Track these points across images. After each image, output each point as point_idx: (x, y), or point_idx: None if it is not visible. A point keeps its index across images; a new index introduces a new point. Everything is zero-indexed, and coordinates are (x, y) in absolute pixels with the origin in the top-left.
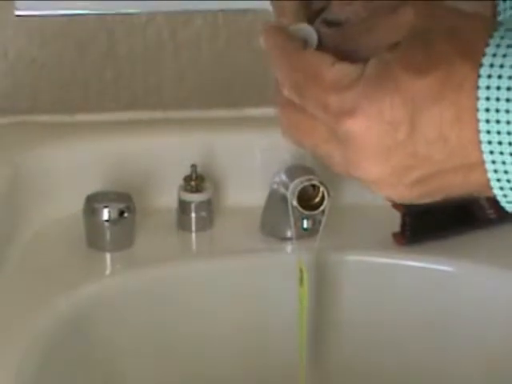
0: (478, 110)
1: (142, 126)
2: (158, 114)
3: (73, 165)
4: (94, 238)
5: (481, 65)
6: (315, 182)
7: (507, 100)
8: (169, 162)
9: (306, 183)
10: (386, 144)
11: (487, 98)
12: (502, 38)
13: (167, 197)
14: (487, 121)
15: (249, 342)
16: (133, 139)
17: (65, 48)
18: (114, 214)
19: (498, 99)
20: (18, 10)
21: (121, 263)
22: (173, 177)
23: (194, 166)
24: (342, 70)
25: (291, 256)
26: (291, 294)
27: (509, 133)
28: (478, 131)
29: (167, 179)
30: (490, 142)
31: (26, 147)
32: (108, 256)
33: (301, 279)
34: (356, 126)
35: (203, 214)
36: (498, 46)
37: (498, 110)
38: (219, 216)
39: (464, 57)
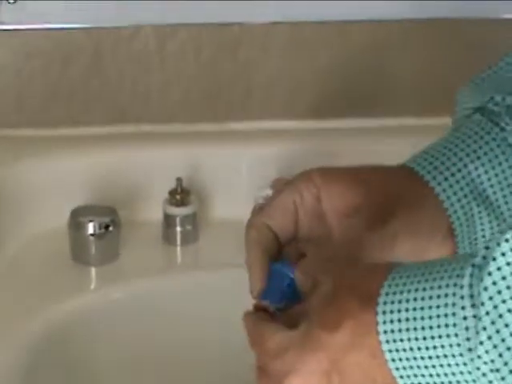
0: (380, 342)
1: (127, 139)
2: (144, 128)
3: (58, 178)
4: (78, 251)
5: (377, 313)
6: None
7: (399, 330)
8: (154, 176)
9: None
10: None
11: (387, 341)
12: (388, 286)
13: (152, 210)
14: (393, 359)
15: (235, 355)
16: (118, 153)
17: (50, 61)
18: (99, 228)
19: (392, 331)
20: (3, 23)
21: (106, 277)
22: (158, 190)
23: (179, 180)
24: (279, 338)
25: None
26: None
27: (408, 359)
28: (386, 360)
29: (152, 193)
30: (397, 369)
31: (10, 161)
32: (93, 270)
33: None
34: (294, 383)
35: (188, 227)
36: (387, 293)
37: (394, 340)
38: (204, 229)
39: (364, 307)
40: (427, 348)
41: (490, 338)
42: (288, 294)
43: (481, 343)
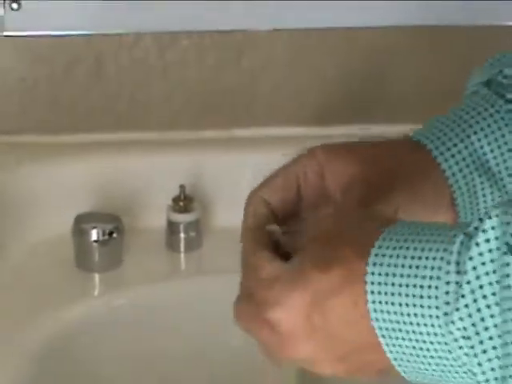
0: (366, 292)
1: (131, 146)
2: (146, 135)
3: (61, 185)
4: (82, 258)
5: (367, 264)
6: None
7: (385, 283)
8: (157, 183)
9: None
10: (306, 329)
11: (372, 292)
12: (383, 239)
13: (156, 217)
14: (374, 310)
15: (238, 362)
16: (121, 160)
17: (53, 68)
18: (103, 235)
19: (379, 283)
20: (6, 30)
21: (109, 284)
22: (161, 197)
23: (182, 187)
24: (272, 269)
25: None
26: None
27: (388, 312)
28: (368, 310)
29: (156, 200)
30: (377, 320)
31: (13, 167)
32: (96, 276)
33: None
34: (277, 315)
35: (192, 234)
36: (380, 246)
37: (379, 292)
38: (208, 236)
39: (357, 254)
40: (407, 305)
41: (466, 306)
42: None
43: (457, 309)
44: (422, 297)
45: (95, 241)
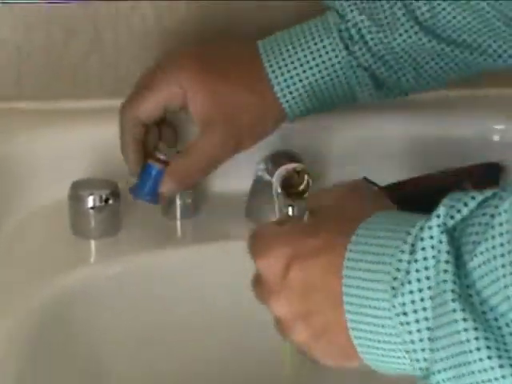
0: (343, 267)
1: None
2: None
3: (58, 152)
4: (78, 225)
5: (350, 241)
6: (300, 169)
7: (359, 269)
8: None
9: (291, 170)
10: (282, 279)
11: (348, 258)
12: (368, 222)
13: None
14: (347, 276)
15: (235, 329)
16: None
17: (50, 35)
18: (99, 201)
19: (352, 268)
20: None
21: (106, 250)
22: None
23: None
24: (267, 225)
25: None
26: None
27: (357, 287)
28: (341, 285)
29: None
30: (347, 294)
31: (10, 134)
32: (93, 243)
33: None
34: (261, 265)
35: (188, 201)
36: (366, 228)
37: (350, 277)
38: (204, 203)
39: (342, 233)
40: (371, 280)
41: (410, 282)
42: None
43: (402, 285)
44: (379, 272)
45: (91, 207)
